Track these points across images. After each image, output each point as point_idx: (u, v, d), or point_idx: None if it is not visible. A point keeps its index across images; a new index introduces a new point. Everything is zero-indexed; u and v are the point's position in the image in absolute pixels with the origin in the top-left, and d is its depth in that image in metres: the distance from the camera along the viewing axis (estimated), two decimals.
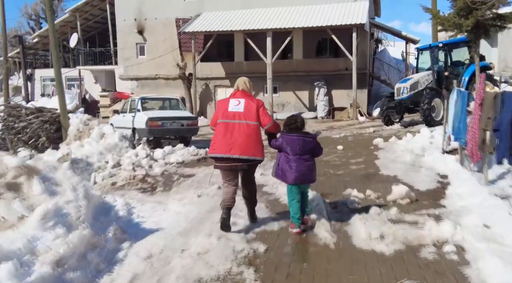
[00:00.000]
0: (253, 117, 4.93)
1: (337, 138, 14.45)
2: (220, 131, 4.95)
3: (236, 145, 4.83)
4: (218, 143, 4.92)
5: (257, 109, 4.98)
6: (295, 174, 4.95)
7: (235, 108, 4.97)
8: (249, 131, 4.89)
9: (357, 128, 17.67)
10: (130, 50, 26.55)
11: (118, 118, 14.87)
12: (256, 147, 4.92)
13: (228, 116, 4.97)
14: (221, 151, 4.89)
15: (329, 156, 11.00)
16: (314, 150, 5.14)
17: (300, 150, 4.95)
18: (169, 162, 10.97)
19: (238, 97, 5.10)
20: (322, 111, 23.79)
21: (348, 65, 23.19)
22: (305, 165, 4.99)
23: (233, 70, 25.20)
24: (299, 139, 4.97)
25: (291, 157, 4.95)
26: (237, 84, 5.26)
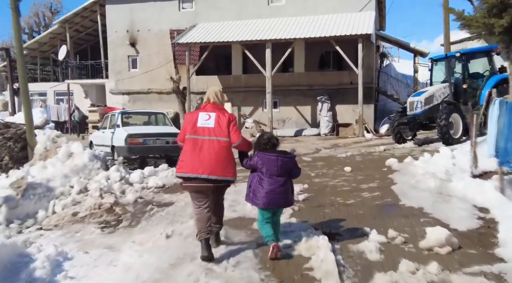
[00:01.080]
0: (224, 133, 4.52)
1: (344, 158, 12.78)
2: (188, 148, 4.55)
3: (205, 163, 4.42)
4: (186, 161, 4.53)
5: (228, 124, 4.55)
6: (269, 198, 4.48)
7: (205, 123, 4.54)
8: (219, 149, 4.48)
9: (365, 146, 15.99)
10: (121, 63, 25.11)
11: (97, 135, 13.30)
12: (227, 166, 4.52)
13: (197, 131, 4.53)
14: (188, 170, 4.48)
15: (335, 180, 9.34)
16: (292, 170, 4.67)
17: (277, 171, 4.49)
18: (147, 187, 9.30)
19: (208, 110, 4.65)
20: (325, 128, 22.16)
21: (353, 78, 21.66)
22: (280, 188, 4.52)
23: (230, 84, 23.69)
24: (278, 159, 4.49)
25: (265, 179, 4.50)
26: (208, 96, 4.78)
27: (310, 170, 10.79)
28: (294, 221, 5.99)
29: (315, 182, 9.25)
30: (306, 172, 10.54)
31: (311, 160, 12.65)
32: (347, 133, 20.91)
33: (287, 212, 6.42)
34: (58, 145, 10.21)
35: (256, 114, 23.60)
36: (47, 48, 28.29)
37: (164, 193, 8.95)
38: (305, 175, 10.16)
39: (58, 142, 10.45)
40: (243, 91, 23.64)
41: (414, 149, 13.69)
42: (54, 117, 26.41)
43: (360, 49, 19.92)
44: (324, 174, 10.21)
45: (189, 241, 5.21)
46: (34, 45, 27.92)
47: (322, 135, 22.02)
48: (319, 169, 10.99)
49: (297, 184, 8.80)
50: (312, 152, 15.60)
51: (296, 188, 8.35)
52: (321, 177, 9.83)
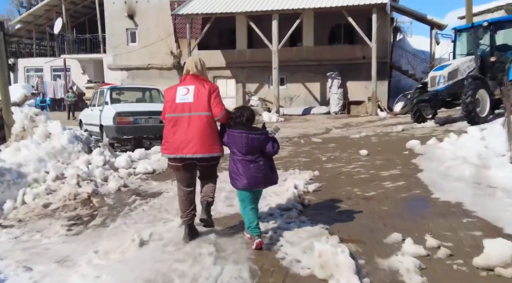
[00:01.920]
0: (205, 107, 4.14)
1: (358, 139, 11.52)
2: (169, 127, 4.22)
3: (188, 142, 4.11)
4: (169, 141, 4.21)
5: (208, 96, 4.15)
6: (244, 178, 4.13)
7: (183, 98, 4.17)
8: (202, 125, 4.14)
9: (380, 126, 14.70)
10: (119, 37, 23.76)
11: (86, 113, 12.12)
12: (212, 141, 4.20)
13: (176, 109, 4.18)
14: (174, 151, 4.18)
15: (350, 165, 8.11)
16: (262, 147, 4.16)
17: (243, 149, 4.13)
18: (135, 173, 8.13)
19: (187, 83, 4.25)
20: (335, 106, 20.84)
21: (366, 53, 20.25)
22: (254, 167, 4.14)
23: (234, 59, 22.32)
24: (242, 136, 4.12)
25: (236, 158, 4.19)
26: (186, 67, 4.36)
27: (321, 154, 9.56)
28: (303, 222, 4.79)
29: (327, 168, 8.03)
30: (316, 156, 9.32)
31: (321, 142, 11.41)
32: (359, 112, 19.57)
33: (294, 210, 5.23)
34: (35, 125, 9.04)
35: (261, 91, 22.29)
36: (43, 21, 26.89)
37: (153, 180, 7.78)
38: (315, 159, 8.94)
39: (36, 121, 9.28)
40: (248, 66, 22.28)
41: (435, 129, 12.39)
42: (51, 94, 25.25)
43: (374, 20, 18.43)
44: (337, 158, 8.97)
45: (169, 251, 4.05)
46: (29, 18, 26.54)
47: (332, 114, 20.71)
48: (331, 152, 9.75)
49: (307, 170, 7.63)
50: (322, 132, 14.34)
51: (305, 175, 7.16)
52: (333, 162, 8.59)
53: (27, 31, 27.81)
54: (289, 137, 12.72)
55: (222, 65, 22.52)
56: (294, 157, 9.34)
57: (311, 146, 10.81)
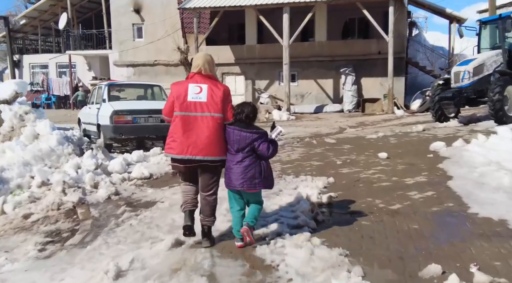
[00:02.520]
0: (218, 108, 3.95)
1: (375, 140, 10.63)
2: (178, 126, 3.96)
3: (198, 144, 3.90)
4: (176, 140, 3.95)
5: (223, 98, 3.97)
6: (230, 177, 3.94)
7: (196, 96, 3.93)
8: (214, 126, 3.94)
9: (397, 125, 13.78)
10: (125, 32, 23.05)
11: (85, 111, 11.40)
12: (223, 144, 3.99)
13: (187, 107, 3.93)
14: (179, 151, 3.93)
15: (369, 171, 7.24)
16: (254, 147, 3.90)
17: (234, 145, 3.93)
18: (129, 178, 7.36)
19: (199, 81, 4.00)
20: (349, 103, 19.91)
21: (381, 48, 19.30)
22: (239, 166, 3.90)
23: (243, 55, 21.49)
24: (234, 133, 3.93)
25: (228, 155, 4.00)
26: (197, 64, 4.05)
27: (335, 156, 8.70)
28: (317, 245, 3.95)
29: (342, 173, 7.17)
30: (330, 159, 8.46)
31: (335, 142, 10.53)
32: (374, 110, 18.63)
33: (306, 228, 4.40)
34: (24, 124, 8.32)
35: (271, 88, 21.44)
36: (48, 17, 26.29)
37: (149, 186, 6.99)
38: (329, 163, 8.09)
39: (25, 119, 8.56)
40: (257, 62, 21.44)
41: (459, 129, 11.47)
42: (56, 91, 24.66)
43: (391, 13, 17.49)
44: (353, 161, 8.11)
45: None
46: (34, 13, 25.94)
47: (346, 112, 19.79)
48: (346, 154, 8.88)
49: (320, 177, 6.79)
50: (335, 131, 13.47)
51: (319, 183, 6.32)
52: (349, 166, 7.73)
53: (32, 27, 27.25)
54: (301, 137, 11.87)
55: (231, 61, 21.71)
56: (306, 160, 8.50)
57: (324, 147, 9.95)
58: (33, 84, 26.18)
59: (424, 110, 18.13)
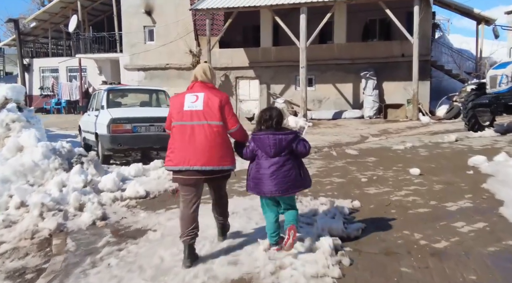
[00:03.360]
0: (216, 116, 3.83)
1: (403, 151, 9.51)
2: (176, 136, 3.88)
3: (197, 153, 3.78)
4: (175, 152, 3.86)
5: (220, 106, 3.83)
6: (269, 184, 3.79)
7: (192, 105, 3.84)
8: (212, 134, 3.82)
9: (425, 134, 12.61)
10: (136, 35, 22.29)
11: (84, 119, 10.54)
12: (223, 153, 3.86)
13: (184, 116, 3.84)
14: (178, 162, 3.82)
15: (400, 191, 6.17)
16: (292, 147, 3.83)
17: (271, 150, 3.81)
18: (122, 197, 6.40)
19: (195, 90, 3.92)
20: (370, 109, 18.75)
21: (405, 50, 18.17)
22: (281, 171, 3.79)
23: (258, 58, 20.52)
24: (269, 137, 3.81)
25: (262, 162, 3.85)
26: (195, 74, 4.04)
27: (359, 171, 7.63)
28: None
29: (369, 194, 6.11)
30: (353, 175, 7.39)
31: (358, 154, 9.44)
32: (398, 116, 17.44)
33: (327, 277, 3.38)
34: (8, 134, 7.45)
35: (287, 93, 20.40)
36: (59, 20, 25.68)
37: (143, 208, 6.03)
38: (353, 180, 7.02)
39: (12, 129, 7.69)
40: (273, 66, 20.44)
41: (496, 139, 10.30)
42: (66, 96, 24.02)
43: (416, 12, 16.34)
44: (381, 179, 7.03)
45: None
46: (44, 16, 25.34)
47: (366, 118, 18.64)
48: (372, 169, 7.80)
49: (344, 198, 5.75)
50: (356, 140, 12.37)
51: (343, 209, 5.30)
52: (377, 184, 6.65)
53: (43, 29, 26.69)
54: (318, 147, 10.81)
55: (245, 64, 20.75)
56: (325, 176, 7.44)
57: (345, 160, 8.88)
58: (43, 89, 25.61)
59: (451, 117, 16.93)
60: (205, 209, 4.67)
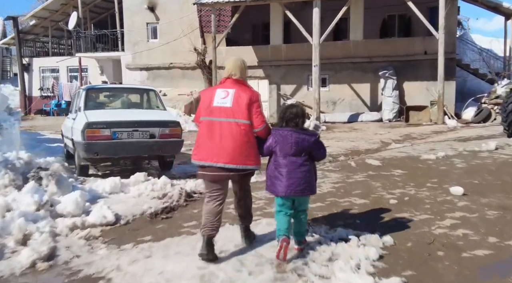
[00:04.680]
0: (243, 114, 3.75)
1: (435, 162, 8.00)
2: (203, 131, 3.87)
3: (222, 150, 3.74)
4: (201, 147, 3.83)
5: (248, 104, 3.75)
6: (286, 183, 3.74)
7: (222, 102, 3.79)
8: (238, 132, 3.75)
9: (455, 140, 11.05)
10: (139, 33, 21.03)
11: (65, 123, 9.20)
12: (248, 152, 3.79)
13: (212, 112, 3.81)
14: (204, 157, 3.79)
15: (444, 221, 4.77)
16: (312, 150, 3.83)
17: (292, 149, 3.77)
18: (83, 224, 5.02)
19: (226, 86, 3.86)
20: (389, 111, 17.21)
21: (428, 47, 16.68)
22: (299, 170, 3.76)
23: (268, 57, 19.11)
24: (292, 135, 3.77)
25: (280, 161, 3.81)
26: (227, 68, 3.92)
27: (385, 189, 6.16)
28: None
29: (403, 224, 4.66)
30: (378, 194, 5.93)
31: (382, 165, 7.95)
32: (421, 119, 15.86)
33: None
34: None
35: (299, 93, 18.94)
36: (60, 17, 24.48)
37: (105, 241, 4.64)
38: (378, 201, 5.56)
39: None
40: (283, 65, 19.00)
41: None
42: (66, 96, 22.82)
43: (442, 6, 14.78)
44: (414, 200, 5.56)
45: None
46: (44, 13, 24.19)
47: (385, 122, 17.09)
48: (401, 186, 6.33)
49: (370, 232, 4.30)
50: (376, 147, 10.88)
51: (370, 252, 3.81)
52: (410, 208, 5.18)
53: (43, 28, 25.56)
54: (333, 156, 9.36)
55: (254, 63, 19.34)
56: (343, 195, 5.97)
57: (367, 172, 7.40)
58: (42, 89, 24.47)
59: (480, 121, 15.34)
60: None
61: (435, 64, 15.97)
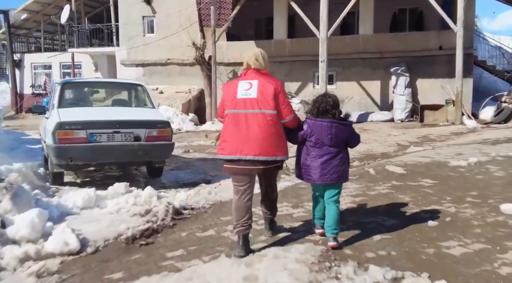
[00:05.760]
0: (270, 105, 3.67)
1: (467, 170, 6.86)
2: (229, 124, 3.77)
3: (250, 142, 3.66)
4: (227, 140, 3.74)
5: (274, 94, 3.67)
6: (322, 172, 3.79)
7: (246, 93, 3.71)
8: (265, 123, 3.68)
9: (481, 143, 9.89)
10: (135, 27, 19.89)
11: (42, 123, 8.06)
12: (277, 143, 3.73)
13: (237, 104, 3.72)
14: (230, 151, 3.71)
15: (506, 254, 3.61)
16: (349, 139, 3.90)
17: (331, 140, 3.78)
18: (41, 254, 3.91)
19: (249, 78, 3.79)
20: (401, 111, 16.07)
21: (443, 42, 15.58)
22: (335, 159, 3.79)
23: (271, 52, 17.86)
24: (332, 126, 3.76)
25: (316, 150, 3.82)
26: (247, 60, 3.87)
27: (418, 205, 5.06)
28: None
29: (454, 259, 3.55)
30: (410, 212, 4.79)
31: (406, 173, 6.82)
32: (436, 119, 14.68)
33: None
34: None
35: (304, 91, 17.80)
36: (53, 11, 23.31)
37: (62, 280, 3.51)
38: (413, 222, 4.43)
39: None
40: (288, 61, 17.87)
41: None
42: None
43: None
44: (459, 221, 4.46)
45: None
46: (35, 6, 23.05)
47: (397, 122, 15.95)
48: (435, 201, 5.22)
49: (415, 273, 3.17)
50: (393, 150, 9.75)
51: None
52: (456, 234, 4.10)
53: (35, 22, 24.42)
54: None
55: None
56: (367, 213, 4.86)
57: (390, 182, 6.27)
58: (34, 87, 23.37)
59: (501, 121, 14.19)
60: None
61: (451, 60, 14.84)
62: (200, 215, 5.10)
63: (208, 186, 6.42)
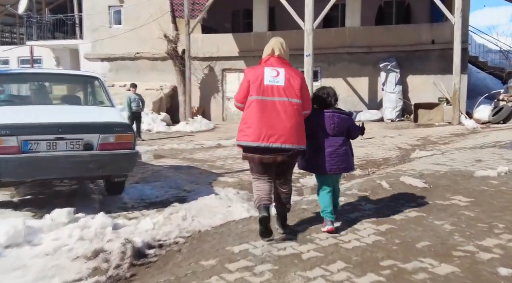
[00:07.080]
0: (296, 94, 3.70)
1: (502, 182, 5.61)
2: (254, 111, 3.66)
3: (278, 130, 3.62)
4: (252, 126, 3.63)
5: (301, 84, 3.73)
6: (330, 161, 3.89)
7: (273, 80, 3.69)
8: (291, 111, 3.67)
9: (497, 147, 8.72)
10: (100, 17, 18.16)
11: None
12: (300, 132, 3.74)
13: (265, 91, 3.67)
14: (256, 138, 3.63)
15: None
16: (350, 130, 4.02)
17: (334, 129, 3.90)
18: None
19: (275, 65, 3.74)
20: (392, 110, 14.93)
21: (436, 35, 14.57)
22: (340, 149, 3.92)
23: (250, 46, 16.56)
24: (334, 116, 3.89)
25: (321, 141, 3.90)
26: (272, 47, 3.79)
27: (466, 238, 3.80)
28: None
29: None
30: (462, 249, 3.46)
31: (429, 188, 5.51)
32: (432, 119, 13.55)
33: None
34: None
35: None
36: (10, 0, 21.37)
37: None
38: (474, 269, 3.04)
39: None
40: None
41: None
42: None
43: None
44: None
45: None
46: None
47: (388, 121, 14.78)
48: (486, 231, 3.97)
49: None
50: (396, 155, 8.51)
51: None
52: None
53: None
54: None
55: (234, 53, 16.79)
56: (406, 254, 3.50)
57: (414, 201, 4.95)
58: None
59: (500, 121, 13.18)
60: None
61: (444, 54, 13.83)
62: (172, 257, 3.66)
63: (182, 206, 4.98)
